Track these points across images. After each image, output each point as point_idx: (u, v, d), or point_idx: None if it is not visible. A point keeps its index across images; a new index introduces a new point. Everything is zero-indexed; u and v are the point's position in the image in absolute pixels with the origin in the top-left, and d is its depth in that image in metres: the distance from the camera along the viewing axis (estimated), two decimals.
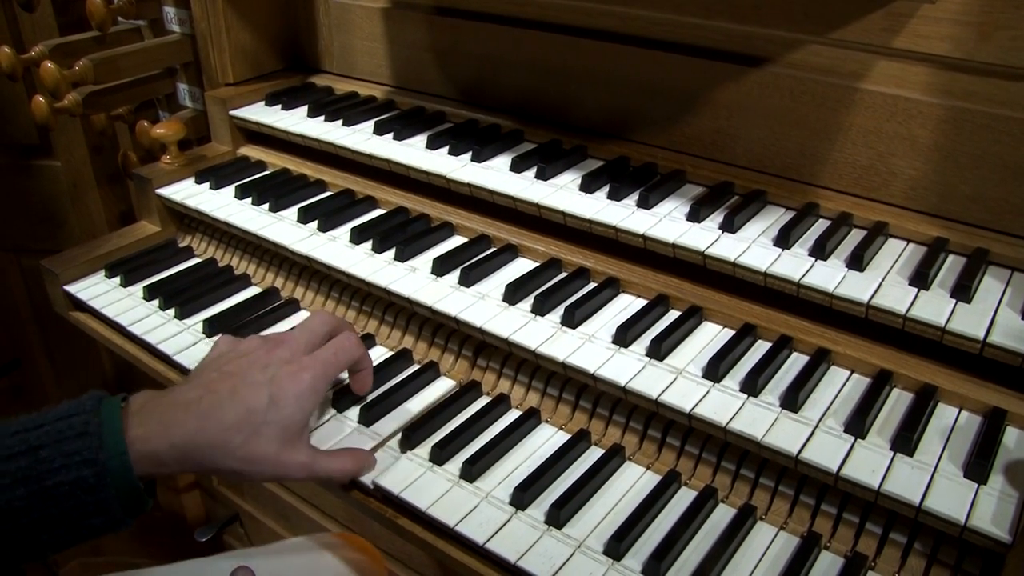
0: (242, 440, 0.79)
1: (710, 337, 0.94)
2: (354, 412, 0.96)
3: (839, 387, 0.86)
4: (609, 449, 0.89)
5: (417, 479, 0.87)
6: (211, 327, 1.12)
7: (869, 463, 0.77)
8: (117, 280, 1.26)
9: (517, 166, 1.15)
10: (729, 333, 0.95)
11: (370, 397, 0.98)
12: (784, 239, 0.96)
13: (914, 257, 0.94)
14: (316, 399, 0.85)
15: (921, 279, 0.88)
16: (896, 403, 0.84)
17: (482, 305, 1.01)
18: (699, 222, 1.01)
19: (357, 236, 1.15)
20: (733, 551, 0.78)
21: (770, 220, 1.01)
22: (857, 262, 0.91)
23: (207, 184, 1.33)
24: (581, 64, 1.19)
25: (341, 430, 0.94)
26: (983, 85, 0.91)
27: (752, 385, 0.85)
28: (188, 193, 1.32)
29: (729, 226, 0.99)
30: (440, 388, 1.01)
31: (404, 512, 0.87)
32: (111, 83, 1.42)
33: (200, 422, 0.78)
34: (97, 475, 0.73)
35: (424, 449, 0.91)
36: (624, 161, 1.16)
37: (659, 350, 0.90)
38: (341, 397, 0.98)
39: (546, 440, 0.93)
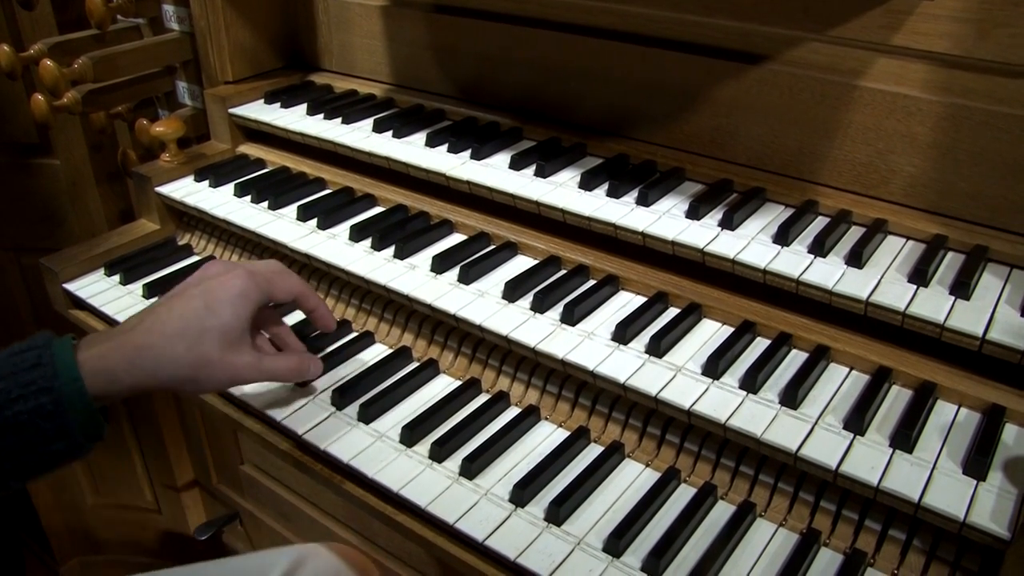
0: (186, 346, 0.83)
1: (709, 334, 0.94)
2: (353, 409, 0.96)
3: (838, 384, 0.86)
4: (608, 446, 0.89)
5: (416, 476, 0.87)
6: None
7: (868, 460, 0.77)
8: (116, 278, 1.26)
9: (516, 164, 1.15)
10: (728, 330, 0.95)
11: (369, 395, 0.98)
12: (783, 236, 0.96)
13: (913, 254, 0.94)
14: (249, 306, 0.88)
15: (920, 276, 0.88)
16: (895, 400, 0.84)
17: (481, 303, 1.01)
18: (698, 219, 1.01)
19: (356, 234, 1.15)
20: (732, 548, 0.78)
21: (769, 217, 1.01)
22: (856, 259, 0.91)
23: (206, 182, 1.33)
24: (580, 62, 1.19)
25: (339, 427, 0.94)
26: (982, 82, 0.91)
27: (751, 382, 0.85)
28: (187, 191, 1.32)
29: (728, 223, 0.99)
30: (439, 385, 1.01)
31: (403, 509, 0.87)
32: (110, 81, 1.42)
33: (144, 336, 0.83)
34: (55, 401, 0.76)
35: (423, 446, 0.91)
36: (623, 159, 1.16)
37: (658, 347, 0.90)
38: (340, 395, 0.98)
39: (545, 437, 0.93)
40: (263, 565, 1.10)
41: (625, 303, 1.00)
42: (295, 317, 1.15)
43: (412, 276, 1.06)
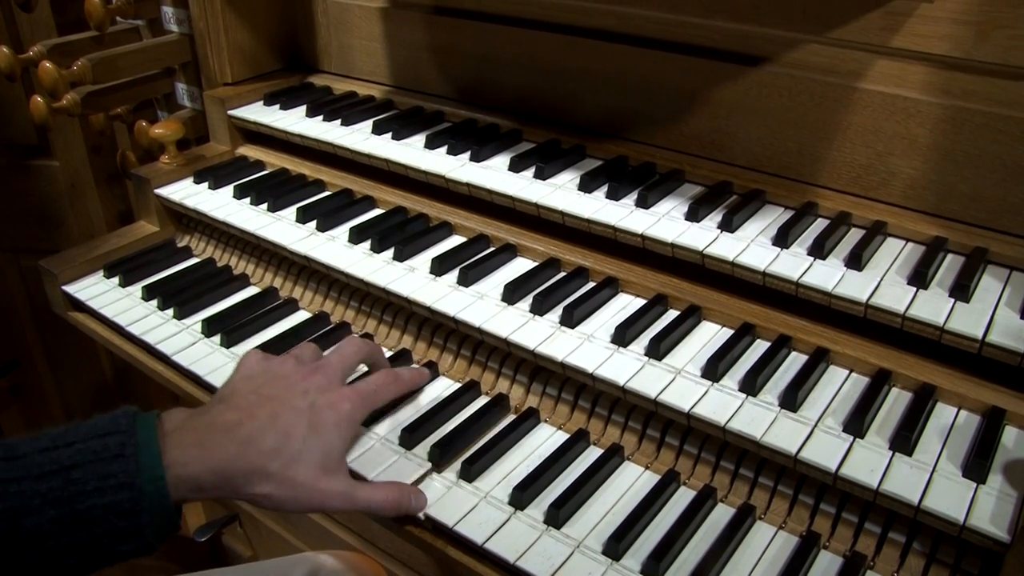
0: (280, 466, 0.77)
1: (709, 336, 0.94)
2: None
3: (838, 386, 0.86)
4: (608, 449, 0.89)
5: (416, 479, 0.87)
6: (210, 327, 1.12)
7: (868, 462, 0.77)
8: (116, 280, 1.26)
9: (516, 166, 1.15)
10: (728, 332, 0.95)
11: None
12: (783, 238, 0.96)
13: (913, 256, 0.94)
14: (354, 430, 0.85)
15: (920, 278, 0.88)
16: (895, 402, 0.84)
17: (481, 305, 1.01)
18: (698, 221, 1.01)
19: (356, 236, 1.15)
20: (732, 551, 0.78)
21: (769, 219, 1.01)
22: (856, 261, 0.91)
23: (206, 184, 1.33)
24: (579, 64, 1.19)
25: None
26: (982, 84, 0.91)
27: (751, 384, 0.85)
28: (187, 193, 1.32)
29: (728, 225, 0.99)
30: (438, 388, 1.01)
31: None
32: (109, 83, 1.42)
33: (240, 447, 0.76)
34: (133, 499, 0.70)
35: (423, 449, 0.91)
36: (623, 161, 1.16)
37: (658, 350, 0.90)
38: None
39: (545, 440, 0.93)
40: (277, 574, 1.09)
41: (624, 305, 1.00)
42: (293, 320, 1.15)
43: (411, 278, 1.06)
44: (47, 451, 0.70)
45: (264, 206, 1.25)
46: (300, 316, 1.16)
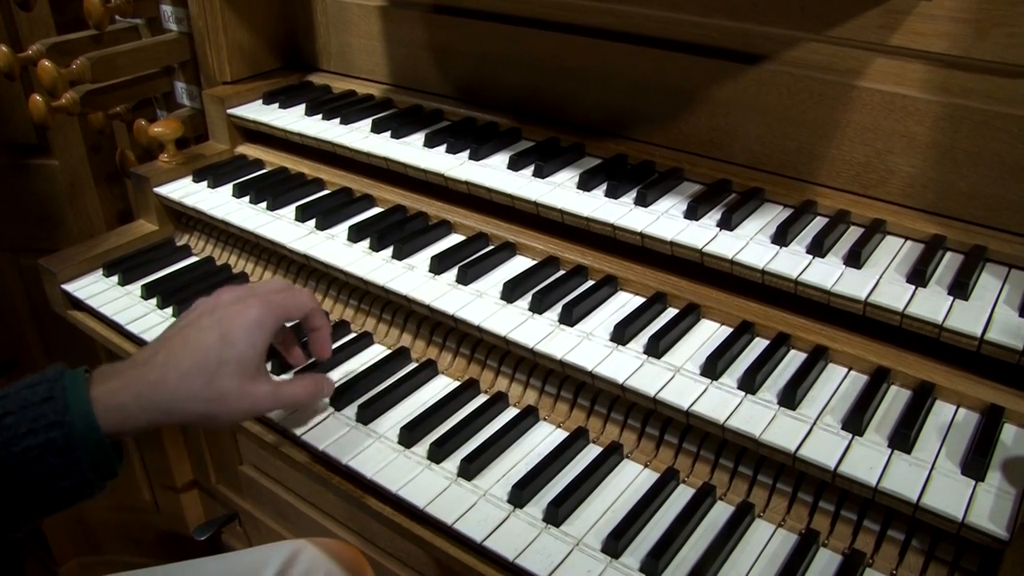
0: (203, 382, 0.80)
1: (708, 335, 0.94)
2: (351, 410, 0.96)
3: (837, 384, 0.86)
4: (607, 447, 0.89)
5: (415, 477, 0.87)
6: None
7: (867, 460, 0.77)
8: (115, 279, 1.26)
9: (515, 164, 1.15)
10: (727, 331, 0.95)
11: (368, 395, 0.98)
12: (782, 237, 0.96)
13: (912, 254, 0.94)
14: (265, 335, 0.85)
15: (919, 276, 0.88)
16: (894, 400, 0.84)
17: (480, 303, 1.01)
18: (697, 220, 1.01)
19: (355, 234, 1.15)
20: (731, 548, 0.78)
21: (768, 218, 1.01)
22: (855, 259, 0.91)
23: (205, 183, 1.33)
24: (579, 62, 1.19)
25: (337, 428, 0.94)
26: (980, 82, 0.91)
27: (750, 383, 0.85)
28: (186, 192, 1.32)
29: (727, 224, 0.99)
30: (438, 386, 1.01)
31: (402, 510, 0.87)
32: (109, 82, 1.41)
33: (159, 372, 0.80)
34: (65, 436, 0.73)
35: (422, 447, 0.91)
36: (622, 159, 1.16)
37: (657, 348, 0.90)
38: (338, 396, 0.97)
39: (544, 438, 0.93)
40: (257, 561, 1.10)
41: (624, 303, 1.00)
42: None
43: (411, 276, 1.06)
44: None
45: (263, 205, 1.25)
46: None
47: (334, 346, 1.07)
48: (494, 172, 1.14)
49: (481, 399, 0.98)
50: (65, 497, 0.75)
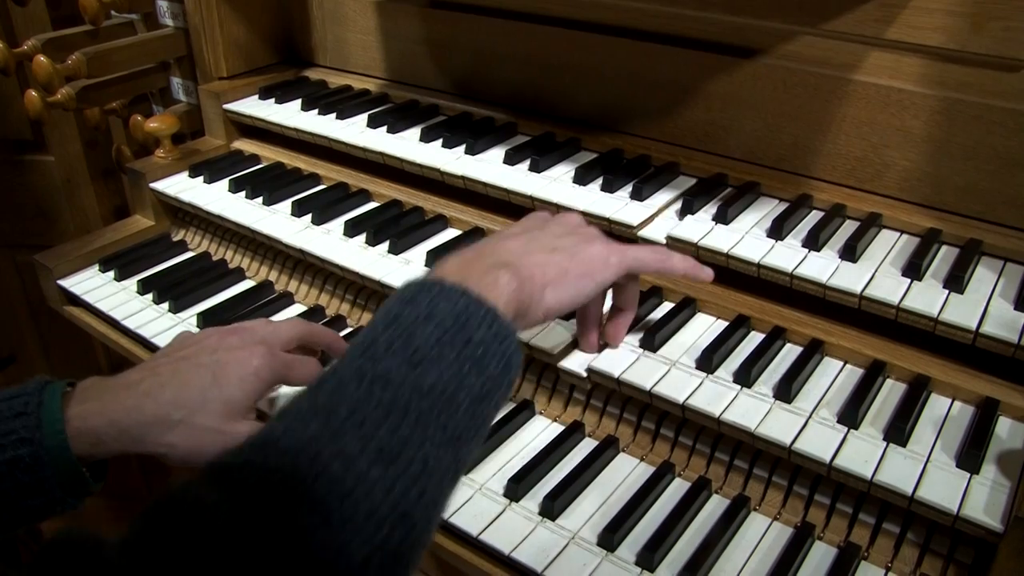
0: (183, 416, 0.77)
1: (703, 328, 0.94)
2: None
3: (832, 378, 0.86)
4: (603, 440, 0.89)
5: None
6: (205, 320, 1.12)
7: (862, 453, 0.77)
8: (111, 274, 1.26)
9: (511, 159, 1.15)
10: (722, 324, 0.95)
11: None
12: (777, 230, 0.96)
13: (907, 248, 0.94)
14: (261, 385, 0.82)
15: (914, 270, 0.88)
16: (889, 394, 0.84)
17: None
18: (693, 214, 1.01)
19: (351, 229, 1.15)
20: (727, 542, 0.78)
21: (763, 211, 1.01)
22: (850, 253, 0.91)
23: (201, 178, 1.33)
24: (575, 56, 1.19)
25: None
26: (976, 76, 0.91)
27: (745, 376, 0.85)
28: (182, 187, 1.32)
29: (722, 218, 0.99)
30: None
31: None
32: (104, 77, 1.41)
33: (138, 400, 0.77)
34: (33, 454, 0.72)
35: None
36: (618, 153, 1.16)
37: (653, 341, 0.90)
38: None
39: (540, 432, 0.93)
40: None
41: None
42: (288, 314, 1.15)
43: (407, 271, 1.06)
44: None
45: (259, 200, 1.25)
46: (295, 309, 1.16)
47: None
48: (490, 167, 1.14)
49: None
50: (32, 514, 0.74)
